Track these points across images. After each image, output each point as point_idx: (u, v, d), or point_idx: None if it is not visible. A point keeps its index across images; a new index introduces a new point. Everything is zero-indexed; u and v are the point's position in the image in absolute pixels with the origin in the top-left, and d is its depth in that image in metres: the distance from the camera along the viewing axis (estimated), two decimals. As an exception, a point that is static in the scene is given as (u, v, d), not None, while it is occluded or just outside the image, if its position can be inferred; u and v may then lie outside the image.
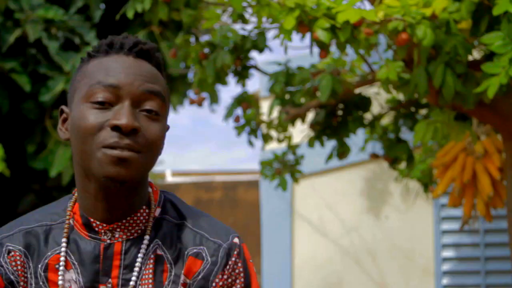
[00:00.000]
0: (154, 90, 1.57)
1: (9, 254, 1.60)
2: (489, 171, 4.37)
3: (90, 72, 1.59)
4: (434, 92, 3.70)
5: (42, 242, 1.61)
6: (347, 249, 6.74)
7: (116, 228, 1.60)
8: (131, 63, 1.58)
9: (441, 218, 6.46)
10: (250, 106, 5.02)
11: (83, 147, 1.55)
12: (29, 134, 6.69)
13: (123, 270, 1.59)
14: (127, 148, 1.53)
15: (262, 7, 3.67)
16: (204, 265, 1.60)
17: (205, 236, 1.63)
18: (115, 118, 1.53)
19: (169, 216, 1.65)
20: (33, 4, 6.57)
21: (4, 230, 1.64)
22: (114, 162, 1.52)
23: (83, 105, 1.56)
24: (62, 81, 6.42)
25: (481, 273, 6.31)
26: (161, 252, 1.61)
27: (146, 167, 1.58)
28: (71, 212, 1.63)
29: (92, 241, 1.60)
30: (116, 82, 1.55)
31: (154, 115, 1.57)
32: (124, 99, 1.55)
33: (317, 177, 6.90)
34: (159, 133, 1.58)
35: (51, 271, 1.60)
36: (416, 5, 3.48)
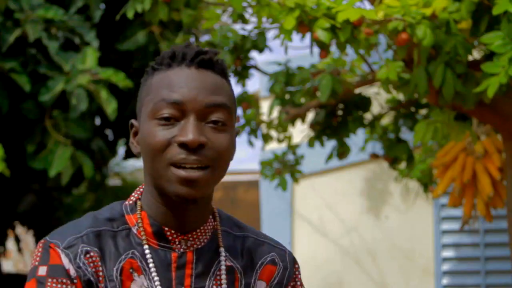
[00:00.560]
0: (218, 102, 1.56)
1: (86, 255, 1.56)
2: (489, 171, 4.37)
3: (154, 87, 1.58)
4: (434, 92, 3.70)
5: (112, 245, 1.58)
6: (347, 249, 6.74)
7: (189, 237, 1.61)
8: (194, 75, 1.57)
9: (441, 218, 6.46)
10: (250, 106, 5.02)
11: (153, 164, 1.56)
12: (29, 134, 6.69)
13: (194, 279, 1.59)
14: (196, 163, 1.53)
15: (262, 7, 3.67)
16: (278, 270, 1.67)
17: (271, 244, 1.69)
18: (181, 135, 1.54)
19: (228, 228, 1.68)
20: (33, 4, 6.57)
21: (69, 232, 1.59)
22: (183, 182, 1.53)
23: (150, 122, 1.56)
24: (62, 81, 6.42)
25: (481, 273, 6.31)
26: (231, 263, 1.63)
27: (216, 181, 1.59)
28: (141, 219, 1.61)
29: (163, 250, 1.60)
30: (179, 98, 1.55)
31: (220, 126, 1.57)
32: (189, 114, 1.55)
33: (317, 177, 6.90)
34: (227, 144, 1.57)
35: (125, 275, 1.57)
36: (416, 5, 3.48)
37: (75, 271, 1.54)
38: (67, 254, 1.55)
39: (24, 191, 7.43)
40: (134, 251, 1.58)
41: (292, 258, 1.70)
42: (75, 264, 1.55)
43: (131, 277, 1.57)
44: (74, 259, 1.55)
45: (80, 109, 6.39)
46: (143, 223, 1.61)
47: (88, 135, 6.65)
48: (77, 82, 6.40)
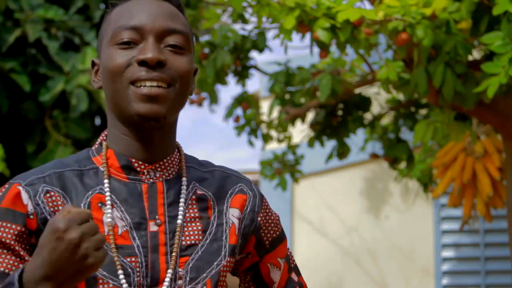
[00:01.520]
0: (176, 27, 1.62)
1: (47, 194, 1.58)
2: (489, 171, 4.38)
3: (113, 18, 1.64)
4: (434, 92, 3.70)
5: (78, 183, 1.61)
6: (347, 249, 6.74)
7: (157, 168, 1.63)
8: (152, 4, 1.63)
9: (441, 218, 6.46)
10: (250, 106, 5.02)
11: (113, 86, 1.59)
12: (29, 134, 6.69)
13: (167, 208, 1.61)
14: (156, 80, 1.57)
15: (262, 7, 3.67)
16: (249, 198, 1.70)
17: (237, 176, 1.73)
18: (140, 53, 1.58)
19: (195, 165, 1.70)
20: (33, 4, 6.57)
21: (33, 173, 1.62)
22: (144, 99, 1.56)
23: (110, 48, 1.60)
24: (62, 81, 6.42)
25: (481, 273, 6.31)
26: (201, 191, 1.66)
27: (178, 102, 1.61)
28: (106, 157, 1.63)
29: (132, 183, 1.62)
30: (138, 23, 1.60)
31: (178, 49, 1.61)
32: (147, 37, 1.60)
33: (317, 177, 6.90)
34: (186, 65, 1.61)
35: (94, 209, 1.59)
36: (416, 5, 3.48)
37: (32, 208, 1.57)
38: (27, 191, 1.58)
39: (24, 191, 7.42)
40: (101, 187, 1.60)
41: (257, 188, 1.74)
42: (34, 202, 1.57)
43: (100, 211, 1.59)
44: (34, 196, 1.57)
45: (80, 109, 6.39)
46: (110, 159, 1.63)
47: (88, 135, 6.66)
48: (77, 82, 6.40)
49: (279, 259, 1.75)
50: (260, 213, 1.71)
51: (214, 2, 4.09)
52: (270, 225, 1.73)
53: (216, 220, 1.64)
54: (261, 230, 1.71)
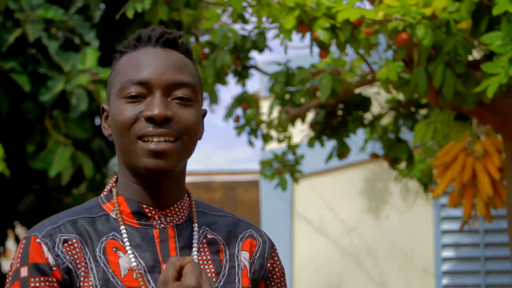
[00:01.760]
0: (183, 79, 1.62)
1: (65, 243, 1.61)
2: (489, 171, 4.37)
3: (121, 69, 1.65)
4: (434, 92, 3.70)
5: (91, 230, 1.63)
6: (347, 249, 6.74)
7: (168, 213, 1.65)
8: (159, 54, 1.64)
9: (441, 218, 6.46)
10: (250, 106, 5.02)
11: (122, 140, 1.61)
12: (29, 134, 6.69)
13: (179, 252, 1.64)
14: (163, 135, 1.58)
15: (262, 6, 3.67)
16: (258, 244, 1.72)
17: (247, 223, 1.75)
18: (147, 109, 1.59)
19: (205, 210, 1.73)
20: (33, 4, 6.57)
21: (46, 224, 1.64)
22: (151, 154, 1.58)
23: (118, 101, 1.62)
24: (62, 81, 6.42)
25: (481, 273, 6.31)
26: (212, 235, 1.68)
27: (185, 154, 1.63)
28: (117, 203, 1.66)
29: (143, 228, 1.64)
30: (145, 77, 1.61)
31: (186, 102, 1.62)
32: (155, 91, 1.60)
33: (317, 177, 6.90)
34: (193, 117, 1.62)
35: (110, 254, 1.62)
36: (416, 5, 3.48)
37: (53, 260, 1.59)
38: (46, 243, 1.60)
39: (24, 191, 7.43)
40: (114, 233, 1.63)
41: (268, 236, 1.76)
42: (54, 253, 1.59)
43: (116, 255, 1.62)
44: (53, 247, 1.60)
45: (80, 109, 6.39)
46: (121, 206, 1.66)
47: (88, 135, 6.65)
48: (77, 82, 6.40)
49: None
50: (270, 259, 1.73)
51: (214, 2, 4.09)
52: (277, 274, 1.75)
53: (228, 263, 1.67)
54: (269, 276, 1.73)
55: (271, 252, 1.74)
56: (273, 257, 1.74)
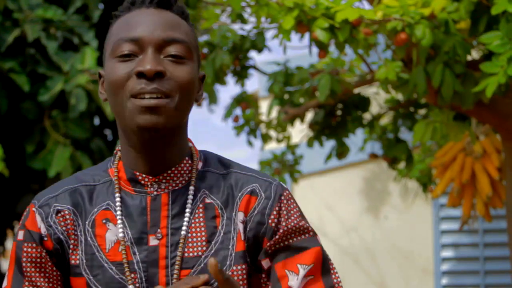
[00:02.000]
0: (176, 36, 1.60)
1: (58, 214, 1.64)
2: (488, 171, 4.37)
3: (114, 30, 1.64)
4: (433, 92, 3.69)
5: (87, 200, 1.64)
6: (347, 249, 6.74)
7: (161, 179, 1.62)
8: (152, 14, 1.62)
9: (440, 218, 6.46)
10: (249, 106, 5.02)
11: (115, 99, 1.59)
12: (28, 134, 6.69)
13: (171, 220, 1.61)
14: (155, 92, 1.56)
15: (261, 7, 3.67)
16: (259, 200, 1.64)
17: (255, 176, 1.67)
18: (139, 65, 1.57)
19: (213, 168, 1.68)
20: (32, 4, 6.57)
21: (47, 192, 1.67)
22: (143, 111, 1.56)
23: (111, 60, 1.61)
24: (61, 81, 6.42)
25: (480, 273, 6.31)
26: (210, 200, 1.64)
27: (179, 112, 1.59)
28: (117, 169, 1.66)
29: (138, 195, 1.63)
30: (137, 35, 1.59)
31: (179, 59, 1.60)
32: (147, 48, 1.59)
33: (316, 177, 6.89)
34: (187, 75, 1.59)
35: (98, 226, 1.62)
36: (415, 5, 3.47)
37: (45, 229, 1.63)
38: (40, 213, 1.64)
39: (23, 191, 7.43)
40: (109, 202, 1.63)
41: (279, 189, 1.66)
42: (46, 223, 1.63)
43: (105, 227, 1.62)
44: (46, 218, 1.64)
45: (79, 109, 6.39)
46: (120, 172, 1.66)
47: (87, 135, 6.65)
48: (76, 82, 6.39)
49: (299, 265, 1.64)
50: (272, 215, 1.63)
51: (213, 2, 4.09)
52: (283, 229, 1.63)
53: (224, 228, 1.62)
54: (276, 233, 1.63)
55: (274, 206, 1.64)
56: (278, 210, 1.64)
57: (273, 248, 1.63)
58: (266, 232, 1.63)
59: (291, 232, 1.64)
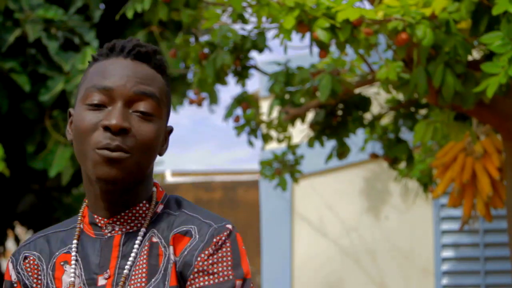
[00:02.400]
0: (147, 92, 1.62)
1: (25, 260, 1.72)
2: (488, 171, 4.37)
3: (89, 75, 1.65)
4: (434, 92, 3.70)
5: (53, 245, 1.72)
6: (347, 249, 6.74)
7: (116, 221, 1.67)
8: (127, 65, 1.63)
9: (440, 218, 6.46)
10: (250, 106, 5.02)
11: (80, 147, 1.63)
12: (28, 134, 6.69)
13: (120, 260, 1.65)
14: (118, 149, 1.59)
15: (262, 6, 3.67)
16: (192, 241, 1.63)
17: (198, 218, 1.66)
18: (105, 118, 1.59)
19: (170, 210, 1.70)
20: (33, 4, 6.57)
21: (24, 242, 1.77)
22: (105, 162, 1.59)
23: (81, 107, 1.63)
24: (61, 81, 6.42)
25: (480, 273, 6.31)
26: (156, 239, 1.66)
27: (139, 168, 1.62)
28: (82, 215, 1.72)
29: (97, 238, 1.68)
30: (109, 85, 1.61)
31: (147, 116, 1.62)
32: (117, 101, 1.61)
33: (316, 177, 6.90)
34: (151, 134, 1.62)
35: (57, 269, 1.69)
36: (416, 5, 3.48)
37: (15, 276, 1.73)
38: (12, 261, 1.74)
39: (24, 191, 7.43)
40: (70, 246, 1.70)
41: (216, 231, 1.62)
42: (16, 270, 1.73)
43: (62, 270, 1.69)
44: (16, 265, 1.73)
45: (80, 109, 6.38)
46: (84, 217, 1.72)
47: (88, 135, 6.65)
48: (76, 82, 6.40)
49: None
50: (199, 257, 1.60)
51: (213, 2, 4.09)
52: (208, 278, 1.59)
53: (164, 265, 1.64)
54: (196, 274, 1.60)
55: (205, 249, 1.60)
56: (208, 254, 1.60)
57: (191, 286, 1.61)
58: (191, 273, 1.61)
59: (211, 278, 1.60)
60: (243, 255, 1.64)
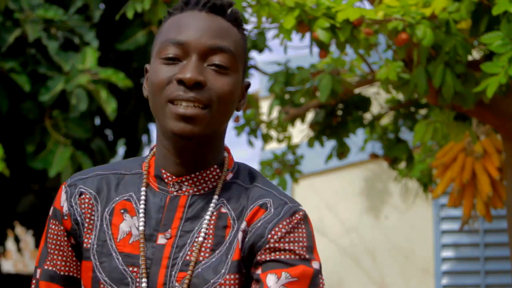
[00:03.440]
0: (222, 45, 1.59)
1: (81, 196, 1.67)
2: (488, 171, 4.37)
3: (164, 30, 1.63)
4: (434, 92, 3.70)
5: (113, 188, 1.67)
6: (347, 249, 6.74)
7: (184, 181, 1.63)
8: (203, 19, 1.60)
9: (440, 218, 6.46)
10: (250, 106, 5.02)
11: (154, 101, 1.60)
12: (28, 134, 6.68)
13: (184, 222, 1.61)
14: (192, 101, 1.56)
15: (262, 6, 3.67)
16: (266, 214, 1.60)
17: (273, 193, 1.63)
18: (180, 72, 1.57)
19: (240, 180, 1.66)
20: (33, 4, 6.57)
21: (80, 174, 1.71)
22: (179, 118, 1.56)
23: (156, 61, 1.61)
24: (61, 81, 6.42)
25: (480, 273, 6.31)
26: (226, 210, 1.62)
27: (215, 123, 1.59)
28: (148, 164, 1.68)
29: (160, 193, 1.64)
30: (184, 39, 1.58)
31: (222, 69, 1.59)
32: (191, 54, 1.58)
33: (316, 177, 6.90)
34: (227, 87, 1.58)
35: (116, 215, 1.64)
36: (416, 5, 3.48)
37: (67, 209, 1.67)
38: (66, 192, 1.69)
39: (23, 191, 7.43)
40: (131, 194, 1.65)
41: (292, 210, 1.59)
42: (69, 203, 1.67)
43: (121, 217, 1.64)
44: (70, 197, 1.68)
45: (80, 109, 6.39)
46: (150, 167, 1.67)
47: (88, 135, 6.65)
48: (76, 82, 6.39)
49: (283, 273, 1.55)
50: (273, 231, 1.57)
51: (213, 2, 4.09)
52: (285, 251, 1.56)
53: (230, 238, 1.60)
54: (271, 248, 1.56)
55: (279, 223, 1.57)
56: (282, 229, 1.57)
57: (263, 259, 1.57)
58: (262, 245, 1.58)
59: (286, 253, 1.57)
60: (315, 241, 1.62)
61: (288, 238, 1.57)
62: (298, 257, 1.56)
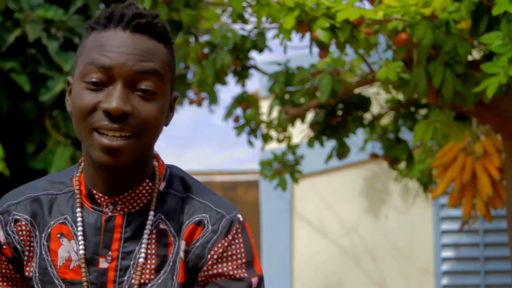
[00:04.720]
0: (148, 69, 1.51)
1: (16, 223, 1.60)
2: (488, 171, 4.37)
3: (87, 48, 1.55)
4: (434, 92, 3.70)
5: (46, 211, 1.60)
6: (347, 249, 6.74)
7: (117, 201, 1.58)
8: (127, 40, 1.52)
9: (440, 218, 6.46)
10: (249, 106, 5.02)
11: (79, 127, 1.54)
12: (28, 134, 6.69)
13: (123, 243, 1.57)
14: (118, 130, 1.49)
15: (262, 6, 3.67)
16: (204, 232, 1.57)
17: (209, 206, 1.59)
18: (105, 101, 1.50)
19: (174, 190, 1.62)
20: (33, 4, 6.57)
21: (10, 197, 1.63)
22: (104, 150, 1.50)
23: (80, 84, 1.53)
24: (61, 81, 6.42)
25: (480, 273, 6.31)
26: (164, 226, 1.58)
27: (142, 150, 1.54)
28: (78, 182, 1.61)
29: (95, 213, 1.58)
30: (108, 63, 1.50)
31: (149, 95, 1.52)
32: (117, 80, 1.51)
33: (316, 177, 6.90)
34: (154, 113, 1.52)
35: (53, 240, 1.59)
36: (416, 5, 3.48)
37: (4, 237, 1.61)
38: (1, 220, 1.62)
39: (23, 191, 7.42)
40: (66, 217, 1.60)
41: (229, 223, 1.58)
42: (5, 231, 1.61)
43: (58, 242, 1.58)
44: (5, 225, 1.61)
45: (79, 109, 6.38)
46: (81, 185, 1.61)
47: (88, 135, 6.65)
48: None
49: None
50: (213, 251, 1.56)
51: (213, 2, 4.09)
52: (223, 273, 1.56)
53: (173, 257, 1.57)
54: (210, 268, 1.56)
55: (218, 242, 1.56)
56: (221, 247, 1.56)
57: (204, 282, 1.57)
58: (202, 266, 1.56)
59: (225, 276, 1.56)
60: (254, 250, 1.61)
61: (226, 258, 1.56)
62: (238, 277, 1.55)
